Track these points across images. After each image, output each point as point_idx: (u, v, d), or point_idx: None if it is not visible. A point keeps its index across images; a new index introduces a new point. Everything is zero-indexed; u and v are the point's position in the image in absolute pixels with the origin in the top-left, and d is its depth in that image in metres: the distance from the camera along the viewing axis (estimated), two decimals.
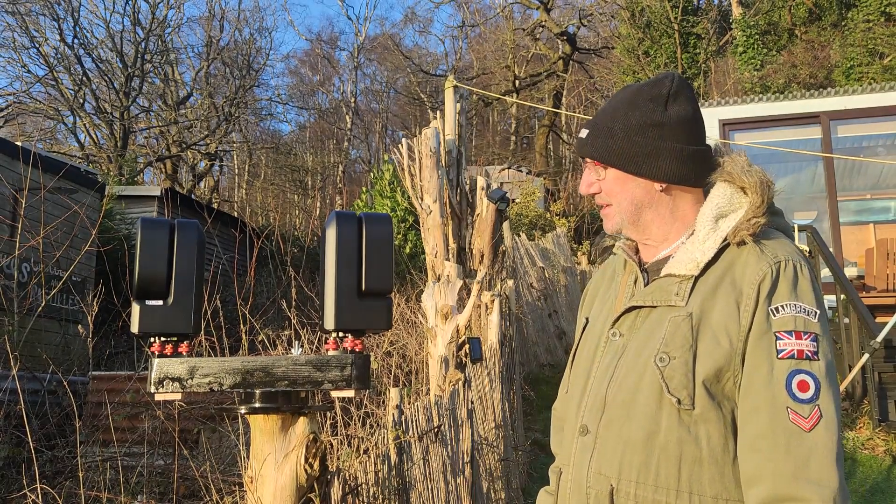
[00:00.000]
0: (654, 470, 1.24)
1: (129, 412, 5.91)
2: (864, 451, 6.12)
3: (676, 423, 1.23)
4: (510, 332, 6.25)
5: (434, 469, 3.39)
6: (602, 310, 1.48)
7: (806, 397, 1.18)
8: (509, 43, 28.85)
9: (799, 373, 1.20)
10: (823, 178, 10.28)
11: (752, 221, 1.29)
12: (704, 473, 1.22)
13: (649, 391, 1.25)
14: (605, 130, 1.38)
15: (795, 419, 1.17)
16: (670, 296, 1.31)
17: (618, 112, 1.39)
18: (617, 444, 1.28)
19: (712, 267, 1.30)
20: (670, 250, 1.38)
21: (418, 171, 6.54)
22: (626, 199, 1.39)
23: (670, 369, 1.24)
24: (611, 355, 1.36)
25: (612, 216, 1.41)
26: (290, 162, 32.12)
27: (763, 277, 1.24)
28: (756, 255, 1.27)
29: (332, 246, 1.55)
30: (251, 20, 32.91)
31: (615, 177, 1.39)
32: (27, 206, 7.03)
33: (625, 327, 1.36)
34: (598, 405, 1.33)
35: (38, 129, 22.90)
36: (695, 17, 21.11)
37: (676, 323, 1.27)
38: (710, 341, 1.24)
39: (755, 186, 1.32)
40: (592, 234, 18.12)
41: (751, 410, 1.21)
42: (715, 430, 1.23)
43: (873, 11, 17.54)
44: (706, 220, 1.33)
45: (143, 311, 1.53)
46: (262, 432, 1.66)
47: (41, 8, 20.74)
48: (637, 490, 1.24)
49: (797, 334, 1.21)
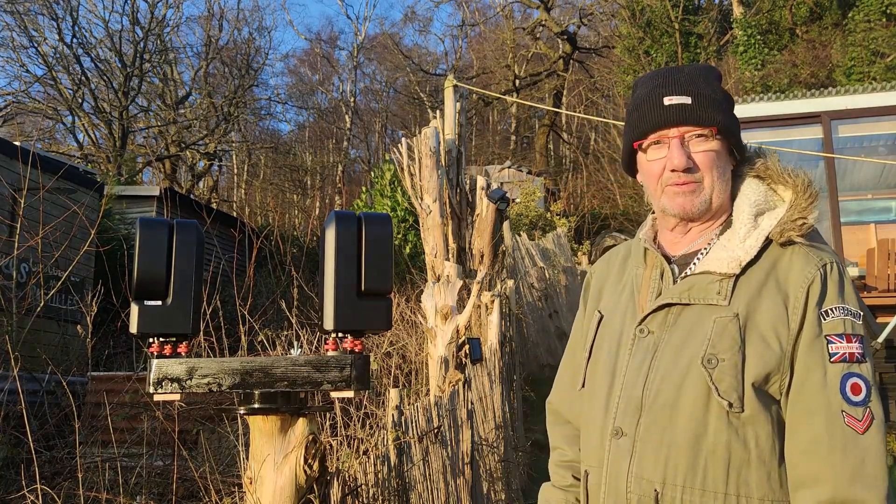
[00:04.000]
0: (701, 473, 1.21)
1: (128, 413, 5.90)
2: None
3: (725, 425, 1.20)
4: (510, 333, 6.24)
5: (434, 470, 3.38)
6: (618, 304, 1.42)
7: (859, 400, 1.19)
8: (509, 42, 28.85)
9: (852, 376, 1.20)
10: (824, 178, 10.27)
11: (798, 222, 1.26)
12: (752, 476, 1.20)
13: (695, 393, 1.22)
14: (709, 98, 1.31)
15: (851, 422, 1.17)
16: (710, 294, 1.27)
17: (709, 82, 1.34)
18: (660, 448, 1.24)
19: (754, 266, 1.27)
20: (699, 243, 1.35)
21: (418, 170, 6.53)
22: (722, 176, 1.32)
23: (719, 371, 1.21)
24: (641, 354, 1.31)
25: (699, 193, 1.31)
26: (289, 162, 32.12)
27: (812, 280, 1.22)
28: (802, 256, 1.25)
29: (332, 246, 1.54)
30: (250, 19, 33.05)
31: (719, 149, 1.32)
32: (26, 206, 7.01)
33: (655, 324, 1.32)
34: (634, 407, 1.28)
35: (37, 129, 22.89)
36: (695, 16, 21.11)
37: (723, 324, 1.23)
38: (759, 343, 1.21)
39: (802, 187, 1.29)
40: (592, 234, 18.12)
41: (805, 413, 1.20)
42: (763, 431, 1.21)
43: (874, 11, 17.54)
44: (745, 216, 1.30)
45: (141, 312, 1.52)
46: (262, 433, 1.65)
47: (40, 7, 20.76)
48: (684, 495, 1.22)
49: (847, 337, 1.21)
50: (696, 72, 1.35)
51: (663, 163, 1.32)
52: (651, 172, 1.36)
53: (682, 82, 1.33)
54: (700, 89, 1.32)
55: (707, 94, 1.31)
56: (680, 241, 1.37)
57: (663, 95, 1.32)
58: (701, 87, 1.32)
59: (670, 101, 1.31)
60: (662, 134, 1.32)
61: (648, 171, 1.36)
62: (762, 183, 1.34)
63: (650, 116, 1.33)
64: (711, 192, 1.31)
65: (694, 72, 1.35)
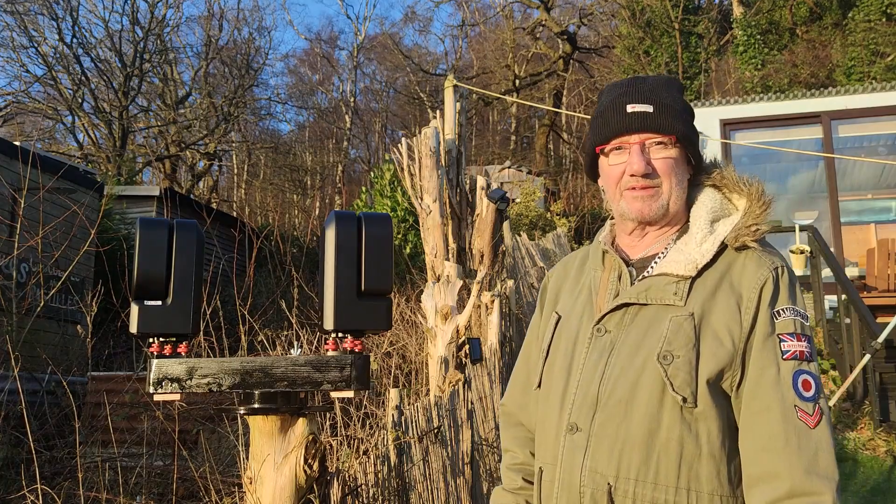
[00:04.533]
0: (654, 467, 1.25)
1: (128, 413, 5.91)
2: (865, 452, 6.11)
3: (678, 420, 1.25)
4: (510, 333, 6.23)
5: (434, 470, 3.38)
6: (575, 305, 1.47)
7: (809, 395, 1.24)
8: (509, 42, 28.85)
9: (802, 373, 1.25)
10: (824, 177, 10.28)
11: (752, 228, 1.32)
12: (703, 470, 1.24)
13: (650, 389, 1.26)
14: (670, 108, 1.37)
15: (803, 417, 1.22)
16: (667, 295, 1.32)
17: (671, 92, 1.39)
18: (615, 443, 1.28)
19: (709, 269, 1.33)
20: (655, 248, 1.40)
21: (418, 170, 6.53)
22: (679, 182, 1.38)
23: (674, 368, 1.25)
24: (598, 352, 1.35)
25: (657, 198, 1.36)
26: (289, 162, 32.11)
27: (765, 282, 1.29)
28: (755, 260, 1.31)
29: (332, 246, 1.55)
30: (250, 19, 32.99)
31: (677, 157, 1.38)
32: (26, 205, 7.01)
33: (612, 324, 1.36)
34: (590, 403, 1.32)
35: (37, 129, 22.91)
36: (695, 16, 21.10)
37: (679, 322, 1.28)
38: (713, 341, 1.26)
39: (756, 195, 1.36)
40: (592, 234, 18.09)
41: (760, 410, 1.24)
42: (715, 427, 1.25)
43: (874, 11, 17.54)
44: (702, 221, 1.36)
45: (141, 312, 1.52)
46: (262, 433, 1.65)
47: (40, 7, 20.75)
48: (636, 488, 1.25)
49: (797, 336, 1.27)
50: (659, 82, 1.42)
51: (623, 167, 1.37)
52: (611, 176, 1.40)
53: (645, 92, 1.39)
54: (662, 99, 1.38)
55: (668, 104, 1.37)
56: (637, 244, 1.43)
57: (626, 103, 1.38)
58: (663, 97, 1.38)
59: (633, 109, 1.37)
60: (624, 140, 1.37)
61: (609, 175, 1.42)
62: (718, 192, 1.40)
63: (613, 122, 1.38)
64: (669, 197, 1.37)
65: (657, 82, 1.42)
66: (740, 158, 11.02)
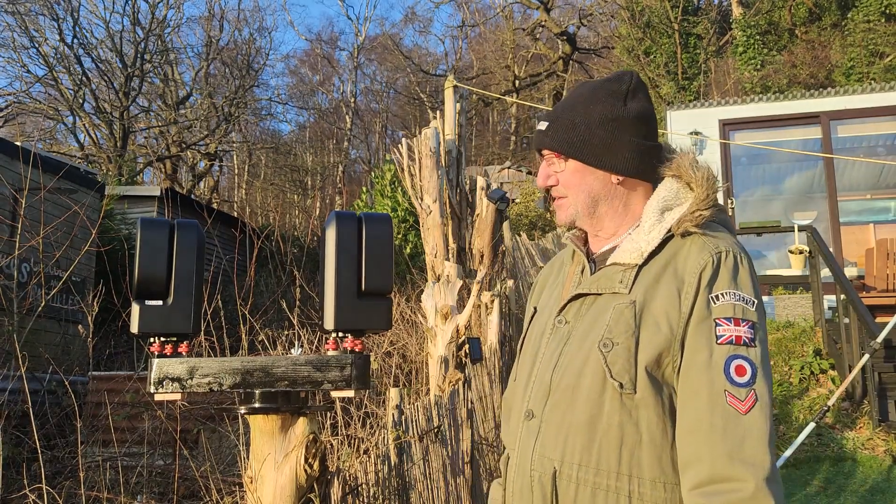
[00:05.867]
0: (595, 453, 1.27)
1: (129, 412, 5.92)
2: (864, 452, 6.12)
3: (619, 407, 1.26)
4: (510, 333, 6.24)
5: (434, 469, 3.39)
6: (549, 299, 1.51)
7: (743, 381, 1.22)
8: (509, 43, 28.85)
9: (736, 358, 1.23)
10: (823, 178, 10.28)
11: (695, 214, 1.34)
12: (644, 456, 1.25)
13: (593, 376, 1.29)
14: (566, 123, 1.41)
15: (732, 402, 1.21)
16: (615, 283, 1.35)
17: (578, 106, 1.42)
18: (561, 428, 1.31)
19: (656, 257, 1.34)
20: (617, 241, 1.42)
21: (418, 171, 6.53)
22: (583, 192, 1.42)
23: (613, 354, 1.27)
24: (556, 342, 1.39)
25: (567, 208, 1.44)
26: (289, 162, 32.12)
27: (704, 266, 1.28)
28: (698, 245, 1.32)
29: (332, 246, 1.56)
30: (251, 20, 32.98)
31: (574, 169, 1.42)
32: (27, 206, 7.02)
33: (570, 314, 1.40)
34: (544, 390, 1.36)
35: (38, 129, 22.92)
36: (695, 17, 21.09)
37: (620, 310, 1.30)
38: (652, 327, 1.27)
39: (701, 181, 1.37)
40: None
41: (690, 394, 1.24)
42: (654, 414, 1.26)
43: (873, 11, 17.54)
44: (652, 211, 1.38)
45: (142, 311, 1.53)
46: (262, 432, 1.66)
47: (41, 8, 20.75)
48: (579, 472, 1.27)
49: (736, 321, 1.25)
50: (579, 95, 1.45)
51: None
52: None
53: (555, 107, 1.46)
54: (561, 114, 1.43)
55: (566, 119, 1.42)
56: (596, 240, 1.48)
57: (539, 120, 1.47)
58: (563, 113, 1.43)
59: (538, 126, 1.46)
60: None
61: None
62: (677, 181, 1.41)
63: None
64: (577, 207, 1.42)
65: (579, 93, 1.46)
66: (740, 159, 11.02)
